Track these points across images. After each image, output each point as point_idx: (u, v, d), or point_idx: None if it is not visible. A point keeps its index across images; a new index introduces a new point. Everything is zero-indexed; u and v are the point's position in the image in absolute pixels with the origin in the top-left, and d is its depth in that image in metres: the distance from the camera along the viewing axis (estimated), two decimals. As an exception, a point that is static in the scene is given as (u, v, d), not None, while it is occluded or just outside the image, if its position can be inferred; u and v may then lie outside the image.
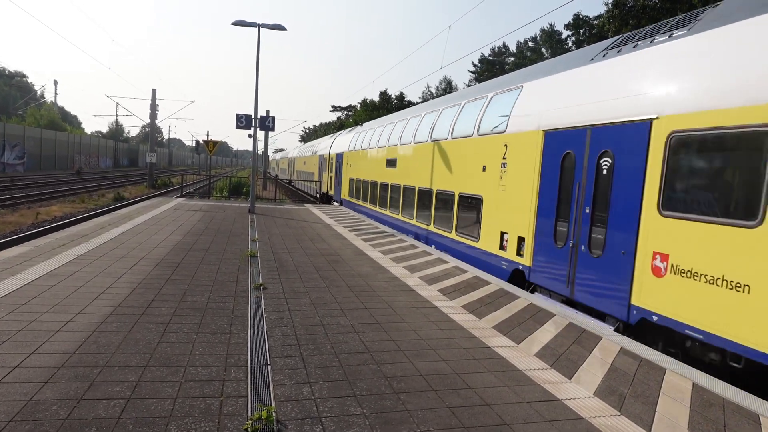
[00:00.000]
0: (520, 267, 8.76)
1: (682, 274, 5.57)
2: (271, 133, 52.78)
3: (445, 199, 12.19)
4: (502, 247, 9.41)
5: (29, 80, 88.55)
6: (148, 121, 37.62)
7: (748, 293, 4.83)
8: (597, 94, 7.36)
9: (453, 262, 9.76)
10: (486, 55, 59.18)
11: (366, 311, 6.23)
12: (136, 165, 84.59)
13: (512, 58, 57.42)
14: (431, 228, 13.02)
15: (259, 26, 16.48)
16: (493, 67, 56.39)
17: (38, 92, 76.48)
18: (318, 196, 32.20)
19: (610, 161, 6.82)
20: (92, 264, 7.68)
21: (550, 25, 53.12)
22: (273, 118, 18.21)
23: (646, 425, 3.74)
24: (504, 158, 9.52)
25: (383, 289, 7.39)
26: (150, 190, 35.06)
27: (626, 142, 6.53)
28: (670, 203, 5.82)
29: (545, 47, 53.15)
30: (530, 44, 56.85)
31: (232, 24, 16.23)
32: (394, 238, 12.59)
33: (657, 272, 5.90)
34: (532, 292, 8.45)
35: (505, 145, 9.49)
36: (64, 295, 6.00)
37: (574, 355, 5.09)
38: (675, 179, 5.80)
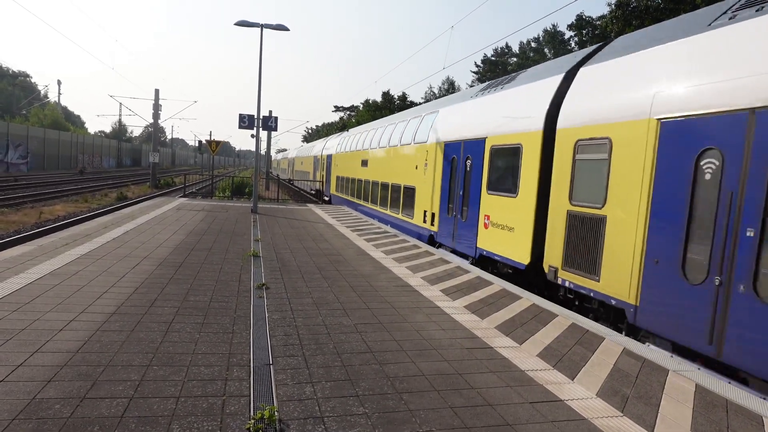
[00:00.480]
0: (432, 233, 12.97)
1: (494, 226, 9.75)
2: (273, 133, 52.89)
3: (396, 190, 16.25)
4: (424, 221, 13.54)
5: (33, 80, 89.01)
6: (151, 121, 37.69)
7: (513, 232, 9.06)
8: (468, 120, 11.57)
9: (455, 262, 9.78)
10: (489, 55, 59.14)
11: (368, 311, 6.24)
12: (139, 165, 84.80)
13: (515, 59, 57.33)
14: (387, 211, 17.16)
15: (262, 26, 16.50)
16: (495, 67, 56.31)
17: (42, 92, 76.71)
18: (314, 192, 35.62)
19: (471, 162, 10.86)
20: (95, 263, 7.70)
21: (553, 25, 53.11)
22: (276, 118, 18.16)
23: (648, 426, 3.74)
24: (426, 160, 13.61)
25: (385, 289, 7.39)
26: (153, 189, 35.10)
27: (476, 151, 10.59)
28: (490, 186, 10.03)
29: (548, 48, 53.07)
30: (533, 45, 56.78)
31: (235, 24, 16.24)
32: (397, 239, 12.60)
33: (486, 226, 10.07)
34: (438, 248, 12.41)
35: (427, 151, 13.59)
36: (68, 294, 6.02)
37: (577, 356, 5.09)
38: (492, 172, 9.99)
